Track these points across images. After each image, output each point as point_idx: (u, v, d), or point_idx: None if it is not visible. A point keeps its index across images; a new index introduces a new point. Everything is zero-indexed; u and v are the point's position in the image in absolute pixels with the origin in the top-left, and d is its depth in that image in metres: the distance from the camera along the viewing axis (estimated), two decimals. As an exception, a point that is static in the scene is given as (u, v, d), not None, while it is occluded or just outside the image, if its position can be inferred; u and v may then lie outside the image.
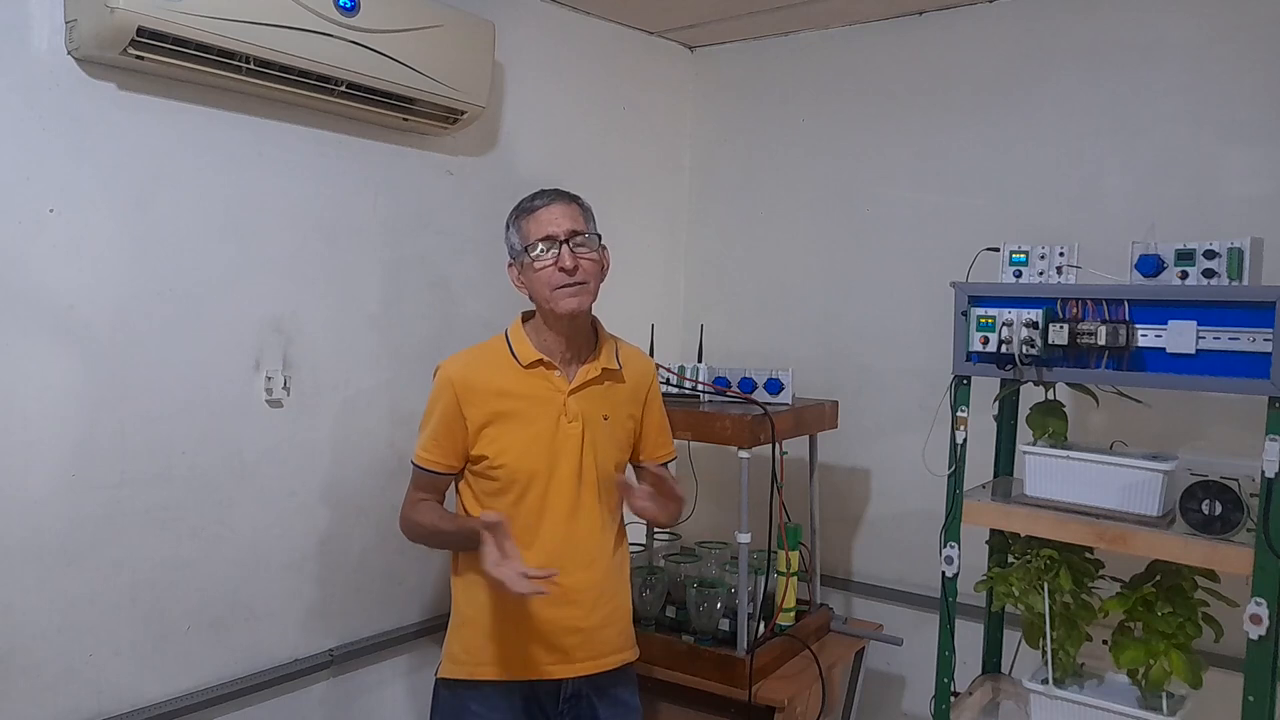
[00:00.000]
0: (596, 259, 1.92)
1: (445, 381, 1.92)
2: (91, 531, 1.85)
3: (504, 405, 1.90)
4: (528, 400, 1.91)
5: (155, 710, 1.94)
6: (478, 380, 1.91)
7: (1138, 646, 1.93)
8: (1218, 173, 2.34)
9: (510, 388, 1.91)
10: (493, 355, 1.96)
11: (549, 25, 2.74)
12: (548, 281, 1.87)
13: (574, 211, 1.91)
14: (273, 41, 1.88)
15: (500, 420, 1.90)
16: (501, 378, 1.92)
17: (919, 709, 2.74)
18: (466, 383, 1.91)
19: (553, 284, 1.87)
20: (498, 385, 1.91)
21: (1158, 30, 2.42)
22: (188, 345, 1.97)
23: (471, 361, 1.96)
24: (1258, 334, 1.74)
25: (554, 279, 1.86)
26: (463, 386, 1.90)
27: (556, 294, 1.87)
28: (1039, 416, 2.13)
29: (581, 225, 1.91)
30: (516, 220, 1.93)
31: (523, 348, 1.94)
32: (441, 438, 1.92)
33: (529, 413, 1.91)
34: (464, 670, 1.94)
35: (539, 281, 1.89)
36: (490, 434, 1.90)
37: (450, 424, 1.91)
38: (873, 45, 2.88)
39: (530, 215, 1.91)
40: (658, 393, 2.11)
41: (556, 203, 1.91)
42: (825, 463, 2.81)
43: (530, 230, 1.90)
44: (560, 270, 1.86)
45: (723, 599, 2.44)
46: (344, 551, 2.29)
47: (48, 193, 1.76)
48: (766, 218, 3.11)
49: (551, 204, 1.91)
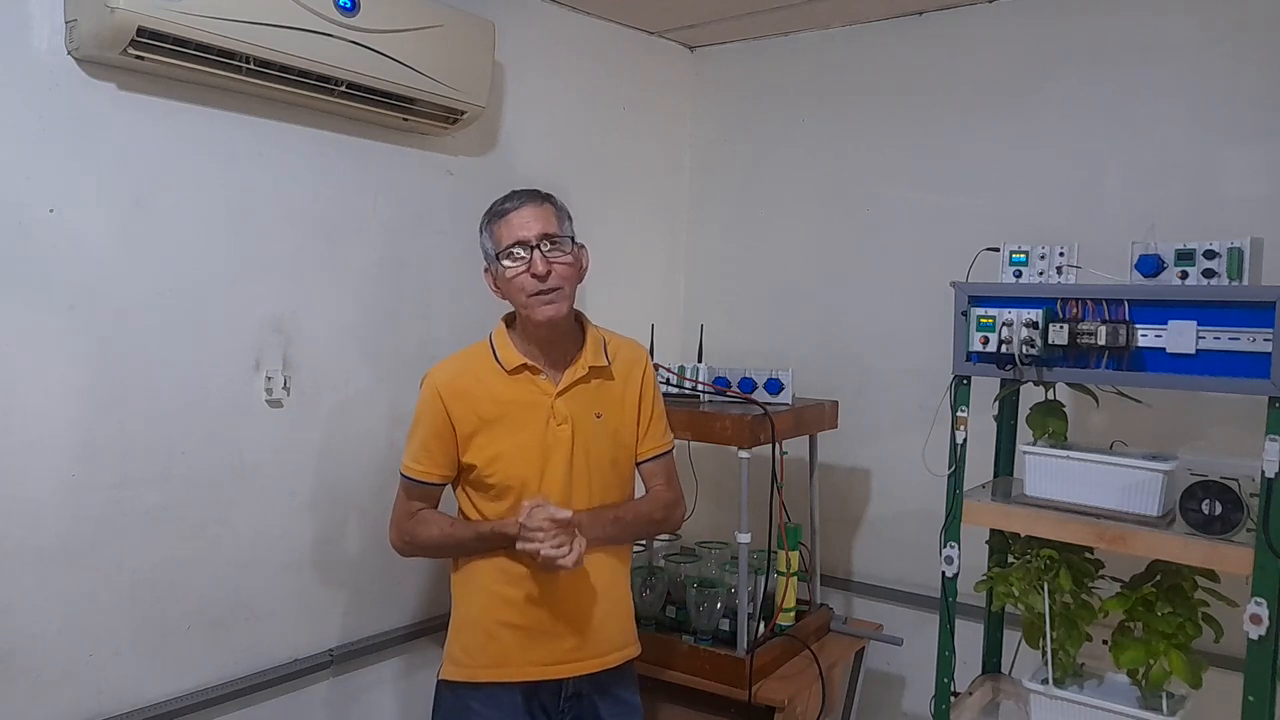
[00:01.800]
0: (570, 262, 1.87)
1: (432, 391, 1.90)
2: (91, 531, 1.85)
3: (491, 412, 1.89)
4: (515, 406, 1.90)
5: (155, 710, 1.94)
6: (464, 389, 1.90)
7: (1138, 646, 1.93)
8: (1218, 173, 2.34)
9: (497, 394, 1.90)
10: (477, 362, 1.94)
11: (549, 25, 2.74)
12: (522, 288, 1.85)
13: (546, 213, 1.87)
14: (273, 41, 1.88)
15: (488, 428, 1.89)
16: (487, 385, 1.91)
17: (919, 709, 2.74)
18: (453, 391, 1.89)
19: (527, 290, 1.84)
20: (484, 393, 1.90)
21: (1158, 30, 2.42)
22: (188, 345, 1.97)
23: (457, 370, 1.94)
24: (1258, 334, 1.74)
25: (527, 285, 1.84)
26: (450, 396, 1.89)
27: (532, 301, 1.85)
28: (1039, 416, 2.13)
29: (554, 227, 1.87)
30: (488, 224, 1.90)
31: (506, 353, 1.92)
32: (432, 448, 1.91)
33: (517, 419, 1.90)
34: (465, 672, 1.93)
35: (514, 288, 1.86)
36: (479, 442, 1.89)
37: (439, 434, 1.90)
38: (873, 45, 2.88)
39: (501, 219, 1.87)
40: (652, 382, 2.06)
41: (527, 205, 1.87)
42: (825, 463, 2.81)
43: (501, 235, 1.86)
44: (533, 276, 1.83)
45: (723, 599, 2.44)
46: (344, 551, 2.29)
47: (48, 193, 1.76)
48: (767, 218, 3.11)
49: (522, 206, 1.87)
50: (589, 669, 1.93)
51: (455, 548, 1.95)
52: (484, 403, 1.90)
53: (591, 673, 1.94)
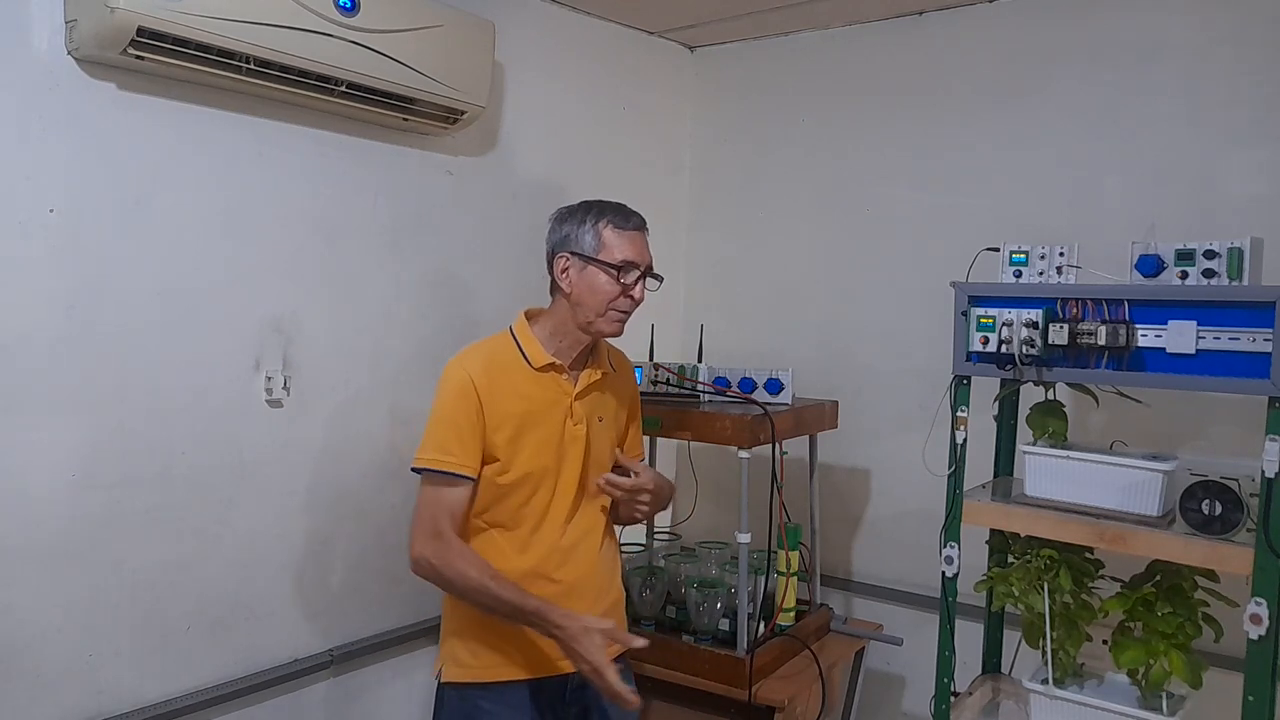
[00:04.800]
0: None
1: (466, 383, 1.86)
2: (91, 531, 1.85)
3: (517, 408, 1.90)
4: (540, 403, 1.92)
5: (155, 710, 1.94)
6: (498, 383, 1.88)
7: (1138, 646, 1.93)
8: (1218, 173, 2.34)
9: (523, 390, 1.91)
10: (505, 356, 1.93)
11: (549, 25, 2.74)
12: (607, 298, 1.88)
13: (647, 244, 1.96)
14: (273, 41, 1.88)
15: (515, 423, 1.89)
16: (515, 380, 1.91)
17: (919, 709, 2.74)
18: (489, 385, 1.87)
19: (616, 307, 1.90)
20: (514, 388, 1.90)
21: (1158, 30, 2.42)
22: (188, 345, 1.97)
23: (490, 363, 1.91)
24: (1258, 334, 1.74)
25: (619, 303, 1.89)
26: (486, 389, 1.86)
27: (609, 314, 1.90)
28: (1039, 416, 2.13)
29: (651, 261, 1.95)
30: (601, 224, 1.90)
31: (533, 349, 1.93)
32: (466, 439, 1.84)
33: (541, 416, 1.91)
34: (471, 673, 1.93)
35: (597, 294, 1.88)
36: (506, 437, 1.88)
37: (475, 425, 1.86)
38: (873, 45, 2.88)
39: (623, 232, 1.90)
40: (637, 393, 2.18)
41: (644, 231, 1.95)
42: (825, 463, 2.81)
43: (618, 246, 1.89)
44: (628, 298, 1.89)
45: (723, 599, 2.44)
46: (344, 551, 2.29)
47: (48, 193, 1.76)
48: (766, 217, 3.11)
49: (642, 230, 1.95)
50: None
51: (484, 601, 1.82)
52: (514, 398, 1.89)
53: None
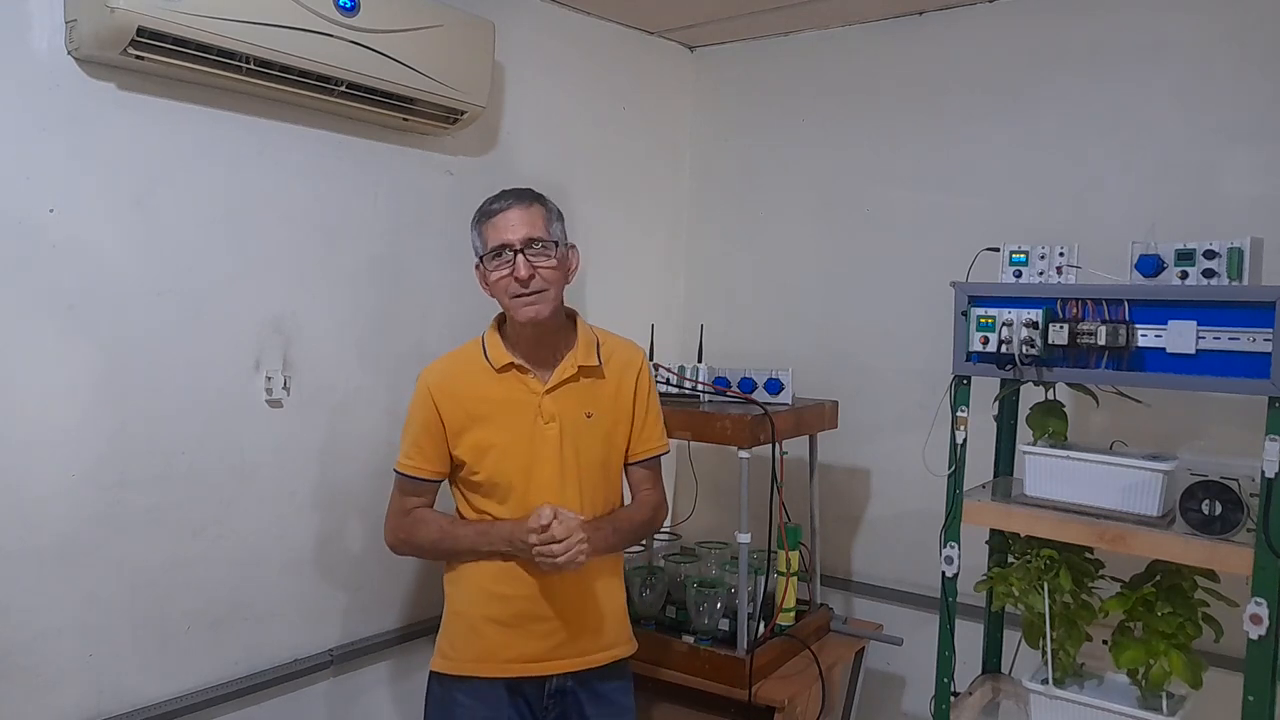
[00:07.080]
0: (555, 265, 1.88)
1: (424, 389, 1.94)
2: (91, 531, 1.85)
3: (479, 410, 1.92)
4: (502, 404, 1.92)
5: (155, 710, 1.94)
6: (454, 387, 1.93)
7: (1138, 646, 1.93)
8: (1218, 173, 2.34)
9: (485, 393, 1.92)
10: (468, 361, 1.96)
11: (549, 25, 2.74)
12: (505, 289, 1.87)
13: (533, 214, 1.88)
14: (273, 41, 1.88)
15: (476, 425, 1.92)
16: (476, 383, 1.93)
17: (919, 709, 2.74)
18: (443, 390, 1.93)
19: (510, 292, 1.87)
20: (473, 391, 1.92)
21: (1158, 30, 2.42)
22: (188, 345, 1.97)
23: (448, 368, 1.97)
24: (1258, 334, 1.74)
25: (510, 288, 1.86)
26: (440, 393, 1.92)
27: (514, 303, 1.88)
28: (1039, 416, 2.13)
29: (540, 230, 1.87)
30: (477, 223, 1.92)
31: (495, 352, 1.95)
32: (423, 444, 1.94)
33: (504, 417, 1.92)
34: (451, 665, 1.96)
35: (498, 289, 1.89)
36: (468, 440, 1.92)
37: (431, 431, 1.93)
38: (873, 45, 2.87)
39: (488, 220, 1.89)
40: (648, 383, 2.06)
41: (515, 207, 1.87)
42: (825, 463, 2.81)
43: (488, 236, 1.88)
44: (515, 280, 1.85)
45: (723, 599, 2.44)
46: (344, 551, 2.29)
47: (48, 193, 1.76)
48: (766, 218, 3.10)
49: (509, 208, 1.87)
50: (573, 666, 1.94)
51: (452, 546, 1.96)
52: (473, 400, 1.92)
53: (577, 670, 1.95)
